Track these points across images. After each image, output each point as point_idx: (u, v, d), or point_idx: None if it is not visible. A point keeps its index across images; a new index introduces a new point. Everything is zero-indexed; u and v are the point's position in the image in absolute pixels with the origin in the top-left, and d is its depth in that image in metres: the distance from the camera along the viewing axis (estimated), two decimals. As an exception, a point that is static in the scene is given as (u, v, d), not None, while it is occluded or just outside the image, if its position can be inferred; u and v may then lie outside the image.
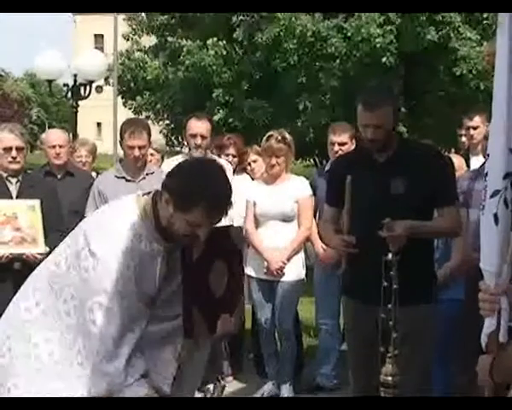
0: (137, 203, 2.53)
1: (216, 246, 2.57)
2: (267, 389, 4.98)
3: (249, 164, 5.45)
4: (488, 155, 2.39)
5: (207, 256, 2.57)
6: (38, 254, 4.14)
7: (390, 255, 3.01)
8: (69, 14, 47.08)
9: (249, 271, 4.94)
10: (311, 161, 18.29)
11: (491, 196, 2.30)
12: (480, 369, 2.22)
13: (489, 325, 2.27)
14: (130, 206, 2.52)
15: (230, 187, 2.56)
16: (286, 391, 4.89)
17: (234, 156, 5.34)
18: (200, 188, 2.41)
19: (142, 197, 2.55)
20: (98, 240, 2.44)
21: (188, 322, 2.63)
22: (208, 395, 4.75)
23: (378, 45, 11.07)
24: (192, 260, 2.59)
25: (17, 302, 2.69)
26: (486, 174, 2.35)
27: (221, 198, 2.48)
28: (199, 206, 2.40)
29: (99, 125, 46.41)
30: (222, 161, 5.12)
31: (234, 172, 5.27)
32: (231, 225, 4.42)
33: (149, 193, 2.57)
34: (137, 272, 2.46)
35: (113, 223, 2.48)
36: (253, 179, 5.31)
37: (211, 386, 4.80)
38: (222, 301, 2.70)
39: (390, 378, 2.97)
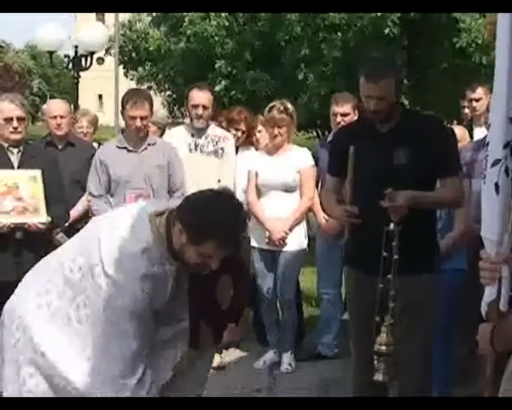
0: (151, 224, 2.52)
1: (224, 261, 2.56)
2: (268, 357, 5.01)
3: (254, 134, 5.42)
4: (489, 125, 2.38)
5: (215, 271, 2.57)
6: (40, 223, 4.15)
7: (392, 225, 3.02)
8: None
9: (251, 241, 4.95)
10: (314, 133, 18.25)
11: (492, 166, 2.29)
12: (481, 337, 2.23)
13: (489, 293, 2.28)
14: (143, 227, 2.51)
15: (244, 220, 2.63)
16: (287, 360, 4.93)
17: (243, 132, 5.31)
18: (212, 223, 2.43)
19: (156, 218, 2.55)
20: (112, 262, 2.45)
21: (194, 334, 2.67)
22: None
23: (379, 14, 10.96)
24: (200, 274, 2.60)
25: (30, 295, 2.67)
26: (487, 144, 2.35)
27: (233, 233, 2.50)
28: (210, 240, 2.43)
29: (100, 97, 46.20)
30: (227, 134, 5.11)
31: (239, 147, 5.26)
32: None
33: (163, 213, 2.56)
34: (150, 294, 2.48)
35: (127, 245, 2.47)
36: (257, 150, 5.29)
37: None
38: (228, 312, 2.73)
39: (384, 348, 2.98)
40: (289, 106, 4.89)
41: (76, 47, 12.37)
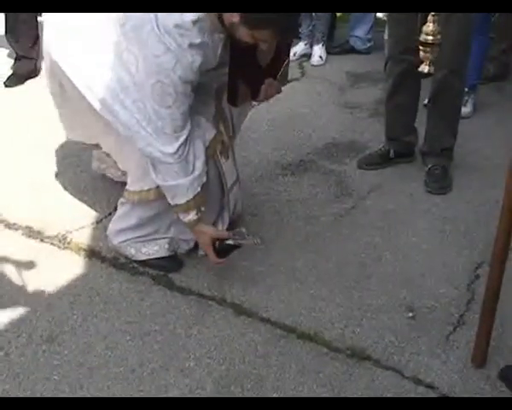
0: None
1: None
2: (299, 48, 4.98)
3: None
4: None
5: None
6: None
7: None
8: None
9: None
10: None
11: None
12: None
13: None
14: None
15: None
16: (318, 51, 4.92)
17: None
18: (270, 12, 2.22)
19: None
20: (164, 28, 2.31)
21: (233, 92, 2.61)
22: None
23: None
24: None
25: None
26: None
27: (292, 22, 2.37)
28: (268, 28, 2.26)
29: None
30: None
31: None
32: None
33: None
34: (200, 61, 2.37)
35: (183, 15, 2.32)
36: None
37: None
38: (267, 68, 2.63)
39: (430, 38, 2.91)
40: None
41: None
